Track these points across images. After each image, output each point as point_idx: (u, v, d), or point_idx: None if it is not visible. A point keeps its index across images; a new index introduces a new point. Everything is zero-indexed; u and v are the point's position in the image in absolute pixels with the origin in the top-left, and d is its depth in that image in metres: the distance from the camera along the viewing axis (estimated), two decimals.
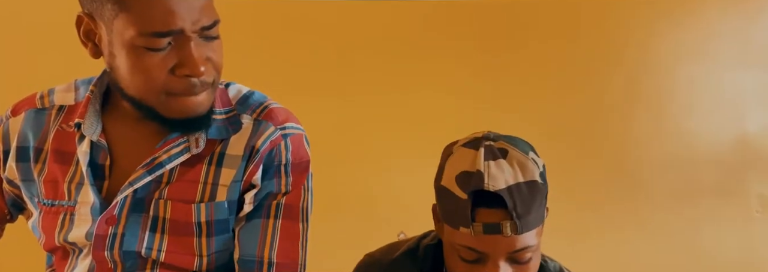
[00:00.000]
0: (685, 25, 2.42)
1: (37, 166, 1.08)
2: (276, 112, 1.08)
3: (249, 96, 1.10)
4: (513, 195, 0.99)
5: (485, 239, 0.99)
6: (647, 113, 2.40)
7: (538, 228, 1.04)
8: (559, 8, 2.37)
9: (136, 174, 1.02)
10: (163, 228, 1.04)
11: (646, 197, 2.39)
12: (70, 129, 1.06)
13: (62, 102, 1.09)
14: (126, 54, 0.94)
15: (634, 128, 2.40)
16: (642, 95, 2.41)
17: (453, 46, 2.37)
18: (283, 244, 1.06)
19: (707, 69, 2.41)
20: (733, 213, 2.39)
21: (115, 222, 1.03)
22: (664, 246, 2.40)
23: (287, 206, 1.07)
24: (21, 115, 1.09)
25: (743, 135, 2.39)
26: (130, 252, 1.03)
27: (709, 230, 2.39)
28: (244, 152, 1.04)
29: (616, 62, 2.40)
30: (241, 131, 1.05)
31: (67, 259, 1.08)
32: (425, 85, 2.36)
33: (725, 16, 2.41)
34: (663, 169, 2.39)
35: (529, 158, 1.04)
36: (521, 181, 1.01)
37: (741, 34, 2.40)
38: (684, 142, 2.40)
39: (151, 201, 1.03)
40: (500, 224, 0.98)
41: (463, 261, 1.03)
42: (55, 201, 1.06)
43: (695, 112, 2.41)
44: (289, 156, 1.06)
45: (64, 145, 1.06)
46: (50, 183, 1.07)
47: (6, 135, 1.10)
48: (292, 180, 1.07)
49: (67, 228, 1.05)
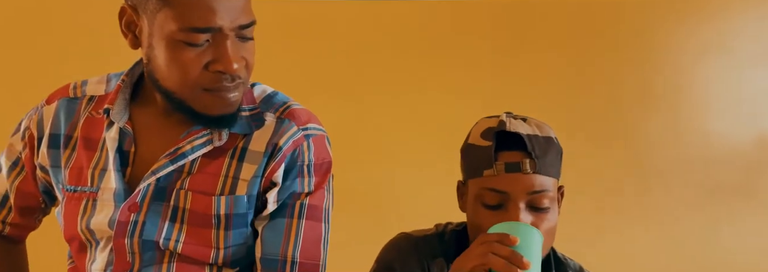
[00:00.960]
0: (702, 23, 2.41)
1: (66, 153, 1.12)
2: (298, 112, 1.12)
3: (273, 96, 1.14)
4: (531, 140, 1.12)
5: (507, 178, 1.09)
6: (663, 112, 2.40)
7: (555, 182, 1.14)
8: (573, 7, 2.38)
9: (159, 163, 1.06)
10: (182, 219, 1.07)
11: (664, 197, 2.39)
12: (98, 115, 1.11)
13: (94, 92, 1.15)
14: (165, 47, 0.99)
15: (650, 127, 2.40)
16: (657, 94, 2.40)
17: (466, 45, 2.38)
18: (306, 244, 1.09)
19: (724, 67, 2.39)
20: (752, 212, 2.39)
21: (138, 210, 1.07)
22: (682, 246, 2.40)
23: (311, 206, 1.10)
24: (54, 104, 1.15)
25: (762, 134, 2.38)
26: (149, 241, 1.07)
27: (728, 230, 2.39)
28: (266, 149, 1.08)
29: (630, 60, 2.40)
30: (264, 128, 1.09)
31: (85, 252, 1.12)
32: (437, 85, 2.37)
33: (743, 13, 2.39)
34: (681, 169, 2.39)
35: (545, 125, 1.17)
36: (539, 134, 1.14)
37: (759, 31, 2.39)
38: (702, 141, 2.40)
39: (173, 190, 1.07)
40: (520, 162, 1.09)
41: (487, 209, 1.11)
42: (77, 187, 1.10)
43: (713, 110, 2.40)
44: (311, 156, 1.10)
45: (92, 132, 1.11)
46: (75, 170, 1.11)
47: (40, 122, 1.15)
48: (316, 181, 1.11)
49: (89, 213, 1.09)
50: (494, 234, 1.04)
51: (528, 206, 1.11)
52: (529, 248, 1.02)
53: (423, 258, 1.19)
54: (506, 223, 1.07)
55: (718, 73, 2.41)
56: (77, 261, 1.14)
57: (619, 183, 2.40)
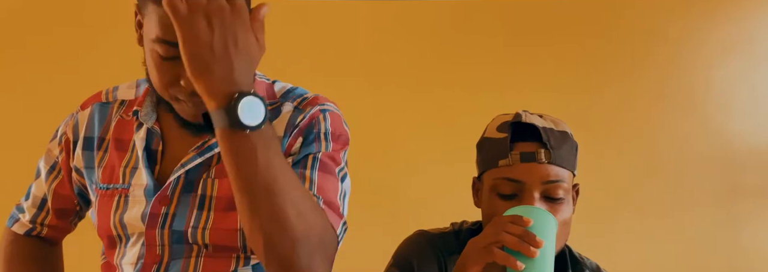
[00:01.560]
0: (722, 22, 2.40)
1: (99, 154, 1.19)
2: (315, 98, 1.16)
3: (292, 90, 1.19)
4: (547, 132, 1.15)
5: (521, 167, 1.13)
6: (681, 112, 2.39)
7: (570, 175, 1.16)
8: (589, 5, 2.39)
9: (187, 157, 1.12)
10: (209, 206, 1.10)
11: (684, 197, 2.37)
12: (128, 118, 1.18)
13: (124, 97, 1.22)
14: (148, 52, 1.03)
15: (668, 127, 2.39)
16: (673, 93, 2.39)
17: (482, 44, 2.40)
18: (321, 189, 1.05)
19: (744, 67, 2.39)
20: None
21: (168, 202, 1.12)
22: (702, 247, 2.37)
23: (324, 162, 1.08)
24: (88, 109, 1.23)
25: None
26: (178, 232, 1.11)
27: (749, 231, 2.36)
28: (286, 132, 1.11)
29: (646, 59, 2.40)
30: (282, 115, 1.13)
31: (115, 249, 1.17)
32: (455, 83, 2.39)
33: (763, 13, 2.39)
34: (700, 169, 2.37)
35: (563, 122, 1.20)
36: (555, 128, 1.16)
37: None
38: (721, 142, 2.38)
39: (200, 181, 1.12)
40: (535, 152, 1.13)
41: (502, 199, 1.14)
42: (110, 185, 1.16)
43: (732, 110, 2.39)
44: (328, 125, 1.12)
45: (123, 134, 1.18)
46: (108, 169, 1.17)
47: (76, 126, 1.22)
48: (333, 146, 1.11)
49: (121, 209, 1.14)
50: (508, 216, 1.05)
51: (542, 196, 1.13)
52: (542, 231, 1.02)
53: (439, 254, 1.22)
54: (520, 207, 1.09)
55: (736, 73, 2.39)
56: (108, 256, 1.19)
57: (637, 183, 2.38)
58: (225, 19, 0.89)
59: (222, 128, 0.91)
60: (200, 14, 0.88)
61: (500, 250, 1.00)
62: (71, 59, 2.39)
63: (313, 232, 0.95)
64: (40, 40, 2.40)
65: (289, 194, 0.93)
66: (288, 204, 0.92)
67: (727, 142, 2.38)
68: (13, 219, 1.29)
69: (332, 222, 1.01)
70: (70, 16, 2.41)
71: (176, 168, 1.12)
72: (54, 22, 2.41)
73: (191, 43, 0.88)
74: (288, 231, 0.93)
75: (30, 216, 1.27)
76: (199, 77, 0.89)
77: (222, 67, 0.89)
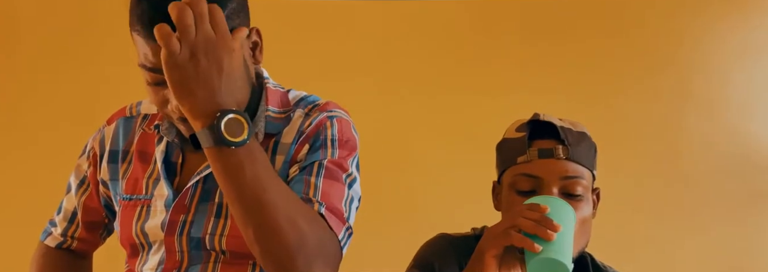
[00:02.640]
0: (743, 24, 2.38)
1: (123, 166, 1.23)
2: (324, 104, 1.18)
3: (305, 97, 1.22)
4: (564, 130, 1.16)
5: (539, 163, 1.14)
6: (699, 114, 2.36)
7: (589, 175, 1.16)
8: (610, 6, 2.38)
9: (204, 165, 1.14)
10: (226, 214, 1.13)
11: (704, 204, 2.34)
12: (150, 131, 1.22)
13: (147, 111, 1.27)
14: (142, 74, 1.07)
15: (686, 130, 2.36)
16: (693, 95, 2.37)
17: (498, 47, 2.41)
18: (326, 196, 1.06)
19: (764, 69, 2.35)
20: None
21: (186, 211, 1.15)
22: (722, 254, 2.32)
23: (329, 168, 1.09)
24: (114, 124, 1.27)
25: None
26: (196, 238, 1.13)
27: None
28: (294, 138, 1.14)
29: (666, 61, 2.38)
30: (292, 122, 1.15)
31: (137, 257, 1.20)
32: (472, 87, 2.39)
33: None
34: (721, 173, 2.34)
35: (581, 125, 1.20)
36: (573, 128, 1.17)
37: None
38: (741, 146, 2.34)
39: (217, 190, 1.14)
40: (553, 148, 1.14)
41: (520, 196, 1.14)
42: (133, 196, 1.20)
43: (753, 114, 2.35)
44: (335, 132, 1.13)
45: (146, 146, 1.22)
46: (132, 181, 1.21)
47: (102, 141, 1.27)
48: (340, 153, 1.12)
49: (143, 218, 1.18)
50: (525, 204, 1.05)
51: (561, 192, 1.13)
52: (560, 218, 1.01)
53: (460, 257, 1.22)
54: (538, 197, 1.08)
55: (758, 76, 2.36)
56: (131, 264, 1.22)
57: (657, 189, 2.35)
58: (210, 50, 0.93)
59: (208, 147, 0.95)
60: (187, 47, 0.92)
61: (518, 233, 1.00)
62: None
63: (309, 240, 0.98)
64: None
65: (280, 204, 0.96)
66: (280, 214, 0.96)
67: (747, 145, 2.35)
68: (46, 233, 1.34)
69: (334, 228, 1.03)
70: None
71: (193, 176, 1.15)
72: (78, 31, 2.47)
73: (174, 70, 0.92)
74: (282, 239, 0.96)
75: (61, 230, 1.32)
76: (183, 101, 0.94)
77: (205, 90, 0.93)
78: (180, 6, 0.91)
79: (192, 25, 0.91)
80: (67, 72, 2.49)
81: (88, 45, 2.50)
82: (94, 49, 2.50)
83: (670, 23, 2.40)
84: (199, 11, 0.92)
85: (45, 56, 2.50)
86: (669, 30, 2.39)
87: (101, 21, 2.48)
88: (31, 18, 2.50)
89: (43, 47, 2.50)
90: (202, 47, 0.92)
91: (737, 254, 2.33)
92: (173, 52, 0.91)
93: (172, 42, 0.91)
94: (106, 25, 2.46)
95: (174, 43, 0.91)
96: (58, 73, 2.50)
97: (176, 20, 0.91)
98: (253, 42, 1.11)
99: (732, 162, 2.35)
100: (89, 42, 2.50)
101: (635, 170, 2.35)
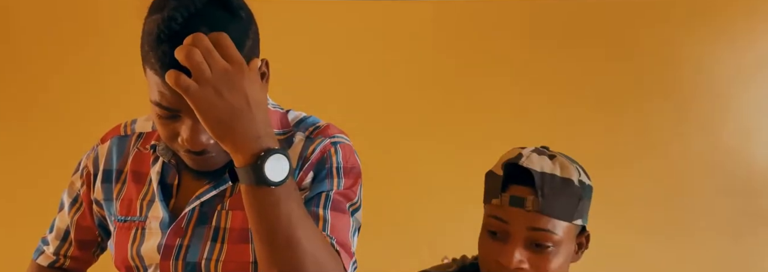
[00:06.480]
0: (743, 46, 2.37)
1: (117, 186, 1.21)
2: (326, 128, 1.17)
3: (305, 119, 1.20)
4: (543, 179, 1.09)
5: (509, 210, 1.09)
6: (699, 136, 2.35)
7: (567, 226, 1.10)
8: (611, 31, 2.38)
9: (202, 189, 1.13)
10: (222, 238, 1.12)
11: (706, 225, 2.33)
12: (146, 151, 1.20)
13: (142, 129, 1.24)
14: (151, 109, 1.05)
15: (686, 151, 2.35)
16: (695, 118, 2.36)
17: (501, 64, 2.39)
18: (334, 230, 1.07)
19: (765, 91, 2.35)
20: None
21: (182, 234, 1.13)
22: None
23: (336, 200, 1.09)
24: (108, 142, 1.25)
25: None
26: (192, 263, 1.12)
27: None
28: (298, 164, 1.12)
29: (668, 83, 2.37)
30: (294, 146, 1.14)
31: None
32: (471, 105, 2.38)
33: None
34: (721, 195, 2.33)
35: (574, 167, 1.13)
36: (557, 175, 1.10)
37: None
38: (741, 167, 2.34)
39: (214, 213, 1.13)
40: (525, 198, 1.09)
41: (489, 236, 1.12)
42: (127, 217, 1.18)
43: (753, 136, 2.35)
44: (340, 159, 1.13)
45: (141, 166, 1.20)
46: (126, 202, 1.19)
47: (96, 159, 1.25)
48: (345, 183, 1.12)
49: (138, 241, 1.16)
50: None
51: (528, 242, 1.09)
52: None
53: None
54: None
55: (759, 99, 2.36)
56: None
57: (658, 211, 2.34)
58: (232, 81, 0.91)
59: (248, 185, 0.93)
60: (209, 85, 0.89)
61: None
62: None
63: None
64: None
65: (308, 244, 0.95)
66: (307, 253, 0.95)
67: (747, 167, 2.34)
68: (38, 252, 1.32)
69: (344, 263, 1.02)
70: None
71: (191, 200, 1.14)
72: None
73: (208, 112, 0.90)
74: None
75: (54, 248, 1.30)
76: (223, 139, 0.92)
77: (243, 125, 0.91)
78: (184, 48, 0.89)
79: (203, 62, 0.89)
80: (67, 72, 2.48)
81: (89, 46, 2.49)
82: (95, 49, 2.48)
83: (671, 46, 2.39)
84: (205, 47, 0.90)
85: (45, 56, 2.49)
86: (670, 54, 2.39)
87: (103, 24, 2.46)
88: (31, 18, 2.48)
89: (43, 47, 2.49)
90: (222, 81, 0.90)
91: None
92: (197, 95, 0.89)
93: (191, 88, 0.89)
94: (107, 27, 2.45)
95: (194, 86, 0.89)
96: (58, 73, 2.48)
97: (186, 62, 0.88)
98: (262, 73, 1.09)
99: (730, 184, 2.35)
100: (90, 43, 2.49)
101: (636, 192, 2.34)
